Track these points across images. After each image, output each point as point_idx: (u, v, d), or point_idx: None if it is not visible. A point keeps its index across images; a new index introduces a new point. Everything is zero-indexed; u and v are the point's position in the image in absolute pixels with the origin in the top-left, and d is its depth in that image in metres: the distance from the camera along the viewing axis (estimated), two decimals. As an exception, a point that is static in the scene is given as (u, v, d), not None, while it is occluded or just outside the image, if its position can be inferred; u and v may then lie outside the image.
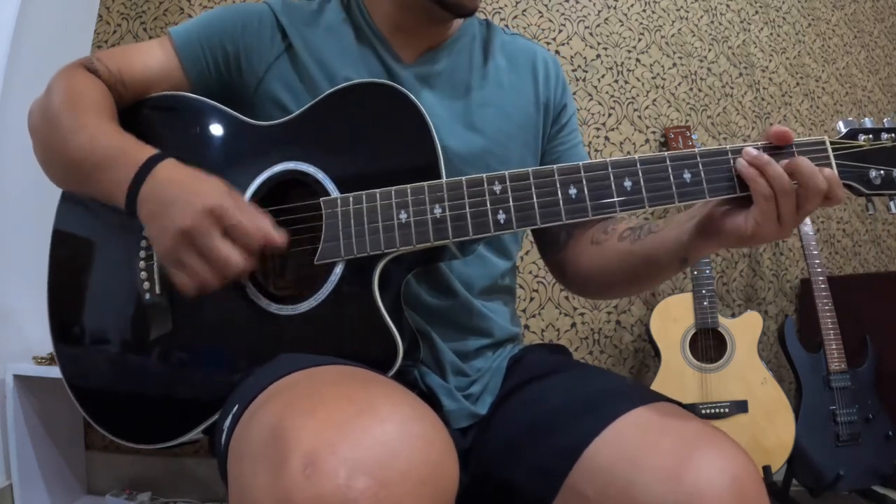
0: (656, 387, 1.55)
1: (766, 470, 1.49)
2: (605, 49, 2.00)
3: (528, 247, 1.79)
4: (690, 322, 1.62)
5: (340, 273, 0.63)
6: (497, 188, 0.61)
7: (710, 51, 2.08)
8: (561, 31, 1.98)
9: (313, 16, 0.78)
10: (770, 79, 2.13)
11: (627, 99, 1.99)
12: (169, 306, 0.66)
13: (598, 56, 1.99)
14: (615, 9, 2.03)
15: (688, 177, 0.60)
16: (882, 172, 0.61)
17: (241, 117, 0.71)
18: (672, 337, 1.61)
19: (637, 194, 0.60)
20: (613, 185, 0.61)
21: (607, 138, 1.95)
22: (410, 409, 0.45)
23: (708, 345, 1.61)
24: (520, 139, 0.79)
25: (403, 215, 0.62)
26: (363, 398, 0.45)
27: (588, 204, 0.61)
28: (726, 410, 1.54)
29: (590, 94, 1.96)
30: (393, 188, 0.62)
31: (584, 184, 0.61)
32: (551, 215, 0.61)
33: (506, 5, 1.96)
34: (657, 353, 1.62)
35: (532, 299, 1.84)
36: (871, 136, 0.61)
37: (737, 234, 0.60)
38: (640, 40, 2.03)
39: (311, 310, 0.63)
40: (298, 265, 0.69)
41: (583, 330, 1.87)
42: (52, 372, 1.40)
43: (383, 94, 0.66)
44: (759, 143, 0.60)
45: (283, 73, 0.74)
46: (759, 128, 2.09)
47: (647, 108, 2.00)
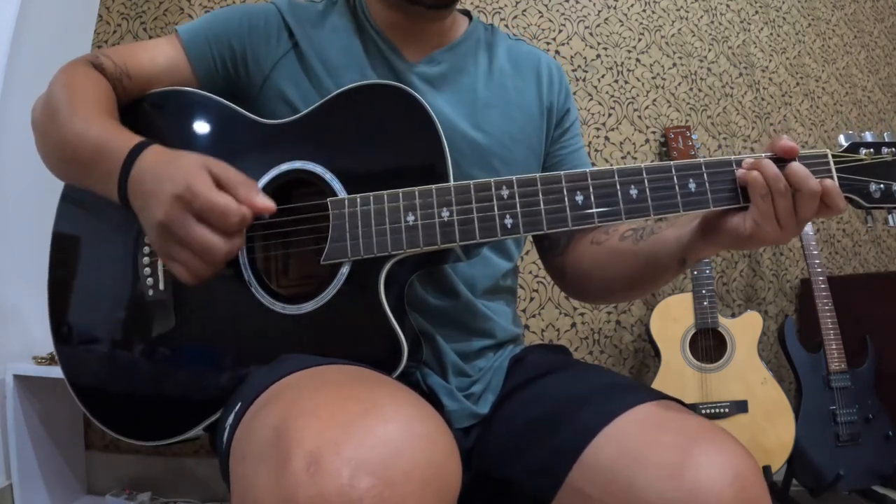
0: (656, 387, 1.54)
1: (766, 470, 1.49)
2: (605, 49, 2.00)
3: (528, 247, 1.79)
4: (690, 322, 1.62)
5: (346, 274, 0.63)
6: (505, 193, 0.62)
7: (710, 51, 2.08)
8: (561, 31, 1.98)
9: (319, 16, 0.78)
10: (770, 79, 2.13)
11: (627, 99, 1.99)
12: (172, 303, 0.66)
13: (598, 56, 1.99)
14: (615, 9, 2.03)
15: (693, 186, 0.61)
16: (882, 186, 0.62)
17: (249, 115, 0.71)
18: (672, 337, 1.61)
19: (643, 202, 0.61)
20: (619, 192, 0.61)
21: (607, 138, 1.95)
22: (414, 409, 0.45)
23: (708, 345, 1.61)
24: (523, 142, 0.79)
25: (411, 217, 0.62)
26: (367, 398, 0.45)
27: (595, 211, 0.61)
28: (726, 410, 1.54)
29: (590, 94, 1.96)
30: (400, 190, 0.62)
31: (591, 191, 0.61)
32: (558, 221, 0.61)
33: (506, 5, 1.96)
34: (657, 353, 1.62)
35: (532, 299, 1.84)
36: (871, 150, 0.62)
37: (735, 233, 0.61)
38: (640, 40, 2.03)
39: (316, 310, 0.63)
40: (304, 264, 0.69)
41: (583, 330, 1.87)
42: (53, 372, 1.40)
43: (392, 96, 0.66)
44: (765, 155, 0.61)
45: (290, 69, 0.74)
46: (759, 128, 2.09)
47: (647, 108, 2.00)
